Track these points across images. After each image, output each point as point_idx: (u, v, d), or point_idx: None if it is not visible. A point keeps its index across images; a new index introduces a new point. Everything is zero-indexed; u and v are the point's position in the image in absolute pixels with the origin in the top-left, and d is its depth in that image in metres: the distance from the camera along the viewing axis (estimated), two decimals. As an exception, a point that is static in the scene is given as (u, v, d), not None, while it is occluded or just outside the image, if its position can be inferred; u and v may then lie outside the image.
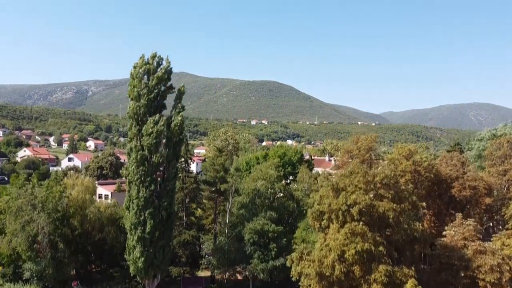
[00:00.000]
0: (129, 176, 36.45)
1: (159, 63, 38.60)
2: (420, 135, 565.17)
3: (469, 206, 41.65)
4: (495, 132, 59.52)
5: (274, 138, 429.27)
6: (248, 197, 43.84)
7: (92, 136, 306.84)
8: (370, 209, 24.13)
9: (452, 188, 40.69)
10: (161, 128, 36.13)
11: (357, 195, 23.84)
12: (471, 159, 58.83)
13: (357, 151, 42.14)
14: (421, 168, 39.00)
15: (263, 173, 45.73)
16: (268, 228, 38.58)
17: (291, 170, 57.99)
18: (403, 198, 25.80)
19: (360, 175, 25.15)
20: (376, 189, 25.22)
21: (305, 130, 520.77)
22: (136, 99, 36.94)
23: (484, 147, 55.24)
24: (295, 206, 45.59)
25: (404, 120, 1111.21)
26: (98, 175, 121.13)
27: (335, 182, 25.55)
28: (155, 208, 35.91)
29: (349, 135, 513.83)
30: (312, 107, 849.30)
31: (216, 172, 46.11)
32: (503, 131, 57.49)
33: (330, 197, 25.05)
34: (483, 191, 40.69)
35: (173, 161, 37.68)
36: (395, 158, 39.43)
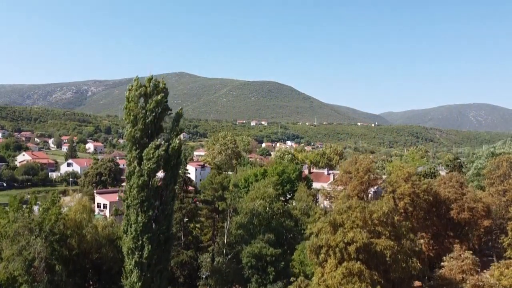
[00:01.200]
0: (128, 200, 36.20)
1: (156, 86, 38.33)
2: (420, 136, 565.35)
3: (467, 227, 41.58)
4: (494, 150, 59.38)
5: (273, 139, 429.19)
6: (247, 217, 43.70)
7: (92, 137, 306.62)
8: (367, 247, 23.99)
9: (451, 210, 40.61)
10: (162, 153, 35.91)
11: (354, 233, 23.70)
12: (469, 178, 58.73)
13: (356, 172, 41.96)
14: (419, 191, 38.91)
15: (261, 192, 45.57)
16: (266, 252, 38.42)
17: (290, 187, 57.82)
18: (401, 235, 25.65)
19: (357, 210, 25.01)
20: (374, 225, 25.07)
21: (304, 131, 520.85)
22: (133, 123, 36.60)
23: (483, 166, 55.15)
24: (293, 225, 45.41)
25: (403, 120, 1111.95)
26: (97, 181, 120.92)
27: (332, 218, 25.39)
28: (153, 233, 35.68)
29: (348, 136, 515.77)
30: (311, 108, 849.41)
31: (215, 191, 45.97)
32: (502, 150, 57.37)
33: (327, 233, 24.90)
34: (481, 213, 40.66)
35: (171, 185, 37.45)
36: (393, 181, 39.27)
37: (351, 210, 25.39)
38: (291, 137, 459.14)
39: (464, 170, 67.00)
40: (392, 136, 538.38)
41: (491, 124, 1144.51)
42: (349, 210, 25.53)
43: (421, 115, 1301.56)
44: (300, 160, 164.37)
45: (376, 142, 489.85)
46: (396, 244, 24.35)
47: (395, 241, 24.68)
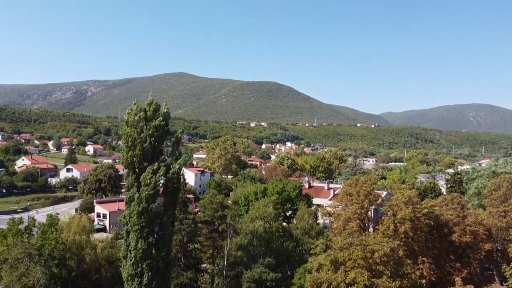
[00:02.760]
0: (127, 226, 35.92)
1: (156, 109, 37.94)
2: (419, 137, 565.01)
3: (469, 251, 41.35)
4: (495, 169, 59.17)
5: (273, 140, 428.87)
6: (247, 238, 43.50)
7: (91, 139, 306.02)
8: (368, 288, 23.84)
9: (453, 233, 40.42)
10: (159, 178, 35.62)
11: (356, 274, 23.52)
12: (470, 197, 58.55)
13: (357, 195, 41.76)
14: (420, 215, 38.70)
15: (261, 212, 45.35)
16: (266, 277, 38.21)
17: (290, 206, 57.61)
18: (402, 275, 25.47)
19: (359, 249, 24.80)
20: (375, 264, 24.89)
21: (304, 132, 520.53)
22: (131, 148, 36.25)
23: (483, 185, 54.97)
24: (294, 245, 45.21)
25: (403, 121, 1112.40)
26: (96, 188, 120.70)
27: (333, 256, 25.20)
28: (153, 259, 35.45)
29: (348, 137, 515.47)
30: (311, 108, 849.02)
31: (215, 211, 45.73)
32: (503, 169, 57.18)
33: (328, 270, 24.72)
34: (483, 237, 40.44)
35: (170, 210, 37.17)
36: (394, 204, 39.06)
37: (353, 247, 25.21)
38: (291, 138, 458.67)
39: (465, 185, 66.88)
40: (392, 137, 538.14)
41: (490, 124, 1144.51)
42: (350, 247, 25.35)
43: (421, 116, 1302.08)
44: (300, 165, 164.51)
45: (376, 143, 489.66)
46: (398, 284, 24.17)
47: (397, 280, 24.51)
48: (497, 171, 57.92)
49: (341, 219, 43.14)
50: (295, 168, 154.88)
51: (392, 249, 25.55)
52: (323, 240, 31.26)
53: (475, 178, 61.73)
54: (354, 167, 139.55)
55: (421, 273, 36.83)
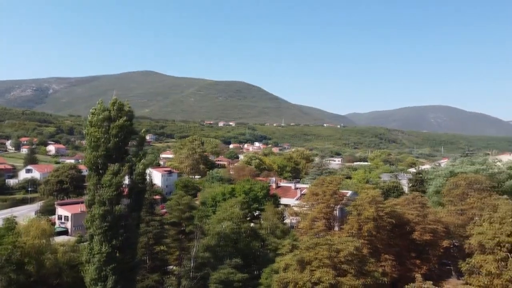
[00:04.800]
0: (91, 230, 34.97)
1: (120, 109, 37.15)
2: (383, 137, 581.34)
3: (428, 248, 42.96)
4: (453, 169, 61.90)
5: (241, 140, 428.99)
6: (214, 239, 43.37)
7: (53, 139, 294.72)
8: (334, 286, 24.30)
9: (414, 231, 41.87)
10: (122, 180, 34.86)
11: (321, 273, 23.94)
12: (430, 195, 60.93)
13: (323, 195, 42.49)
14: (383, 214, 39.84)
15: (229, 212, 45.32)
16: (233, 278, 38.18)
17: (257, 206, 57.87)
18: (366, 273, 26.16)
19: (324, 248, 25.27)
20: (340, 263, 25.43)
21: (272, 132, 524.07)
22: (95, 148, 35.36)
23: (442, 184, 57.36)
24: (260, 245, 45.47)
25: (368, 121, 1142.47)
26: (58, 189, 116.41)
27: (300, 256, 25.54)
28: (117, 262, 34.67)
29: (315, 137, 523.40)
30: (279, 108, 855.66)
31: (182, 212, 45.33)
32: (460, 169, 59.90)
33: (295, 270, 25.03)
34: (441, 234, 42.13)
35: (135, 211, 36.56)
36: (359, 204, 40.05)
37: (318, 247, 25.64)
38: (259, 138, 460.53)
39: (425, 185, 69.52)
40: (357, 137, 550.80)
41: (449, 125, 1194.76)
42: (316, 247, 25.78)
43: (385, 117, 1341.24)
44: (267, 165, 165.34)
45: (342, 143, 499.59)
46: (361, 281, 24.80)
47: (361, 278, 25.15)
48: (455, 171, 60.63)
49: (308, 218, 43.80)
50: (263, 168, 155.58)
51: (357, 248, 26.23)
52: (290, 240, 31.61)
53: (434, 177, 64.39)
54: (320, 167, 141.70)
55: (383, 270, 37.90)
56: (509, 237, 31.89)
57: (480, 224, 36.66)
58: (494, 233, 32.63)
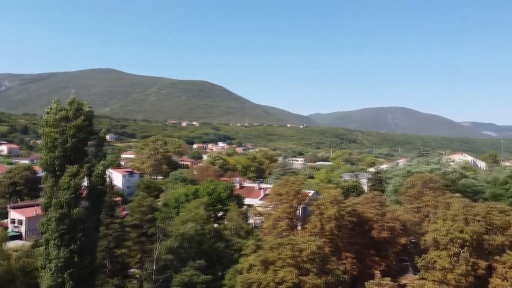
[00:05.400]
0: (46, 234, 33.54)
1: (79, 108, 35.85)
2: (344, 137, 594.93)
3: (387, 245, 44.46)
4: (410, 168, 64.47)
5: (205, 140, 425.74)
6: (177, 241, 42.79)
7: (6, 138, 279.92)
8: (296, 285, 24.66)
9: (373, 229, 43.19)
10: (80, 181, 33.69)
11: (284, 273, 24.22)
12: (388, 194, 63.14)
13: (286, 195, 42.99)
14: (344, 213, 40.84)
15: (192, 213, 44.89)
16: (197, 280, 37.82)
17: (221, 206, 57.65)
18: (328, 271, 26.72)
19: (288, 248, 25.59)
20: (303, 262, 25.83)
21: (236, 132, 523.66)
22: (51, 149, 33.93)
23: (400, 183, 59.59)
24: (224, 246, 45.34)
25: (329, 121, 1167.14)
26: (11, 192, 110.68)
27: (264, 256, 25.72)
28: (75, 267, 33.46)
29: (278, 137, 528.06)
30: (243, 108, 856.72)
31: (143, 214, 44.46)
32: (417, 169, 62.47)
33: (259, 270, 25.16)
34: (399, 231, 43.73)
35: (94, 214, 35.47)
36: (321, 204, 40.84)
37: (282, 247, 25.93)
38: (223, 138, 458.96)
39: (384, 184, 71.96)
40: (319, 137, 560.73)
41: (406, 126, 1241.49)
42: (280, 247, 26.05)
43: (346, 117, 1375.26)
44: (231, 165, 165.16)
45: (304, 143, 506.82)
46: (323, 280, 25.31)
47: (323, 276, 25.66)
48: (411, 170, 63.20)
49: (271, 218, 44.18)
50: (227, 168, 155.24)
51: (319, 247, 26.76)
52: (254, 240, 31.76)
53: (393, 177, 66.79)
54: (284, 167, 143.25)
55: (344, 268, 38.90)
56: (461, 233, 33.61)
57: (435, 221, 38.46)
58: (447, 230, 34.31)
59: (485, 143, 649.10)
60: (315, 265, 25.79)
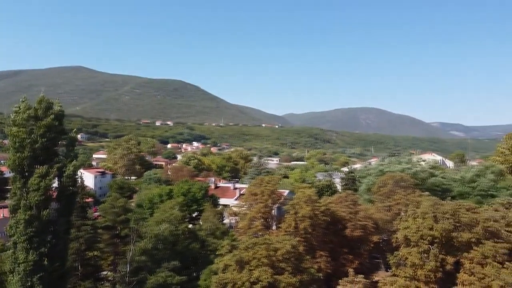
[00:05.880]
0: (14, 237, 32.45)
1: (49, 107, 34.85)
2: (318, 137, 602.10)
3: (360, 243, 45.35)
4: (382, 168, 66.00)
5: (179, 140, 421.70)
6: (151, 242, 42.20)
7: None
8: (272, 285, 24.83)
9: (346, 228, 43.96)
10: (50, 183, 32.78)
11: (260, 272, 24.34)
12: (361, 192, 64.45)
13: (261, 195, 43.18)
14: (319, 212, 41.38)
15: (167, 214, 44.41)
16: (171, 281, 37.45)
17: (196, 207, 57.27)
18: (302, 270, 27.02)
19: (263, 248, 25.73)
20: (278, 261, 26.03)
21: (211, 132, 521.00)
22: (19, 150, 32.85)
23: (372, 182, 60.91)
24: (199, 247, 45.09)
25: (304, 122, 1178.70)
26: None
27: (239, 256, 25.76)
28: (45, 271, 32.52)
29: (254, 137, 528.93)
30: (218, 108, 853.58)
31: (116, 215, 43.71)
32: (389, 168, 64.03)
33: (234, 270, 25.18)
34: (371, 230, 44.70)
35: (65, 216, 34.54)
36: (296, 203, 41.23)
37: (257, 246, 26.04)
38: (198, 138, 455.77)
39: (357, 183, 73.42)
40: (294, 137, 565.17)
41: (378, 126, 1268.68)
42: (255, 247, 26.15)
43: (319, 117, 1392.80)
44: (206, 165, 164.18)
45: (279, 143, 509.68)
46: (298, 279, 25.58)
47: (297, 275, 25.93)
48: (383, 169, 64.70)
49: (246, 218, 44.28)
50: (201, 168, 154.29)
51: (293, 246, 27.04)
52: (229, 240, 31.75)
53: (365, 176, 68.16)
54: (259, 167, 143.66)
55: (319, 266, 39.39)
56: (430, 231, 34.67)
57: (405, 219, 39.51)
58: (418, 227, 35.32)
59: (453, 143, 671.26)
60: (290, 264, 26.06)
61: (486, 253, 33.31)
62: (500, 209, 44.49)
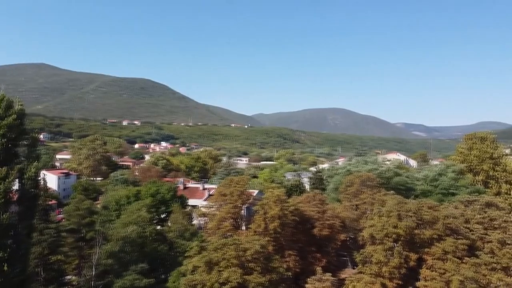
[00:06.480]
0: (-29, 242, 30.96)
1: (9, 106, 33.52)
2: (287, 137, 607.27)
3: (327, 242, 46.17)
4: (349, 167, 67.49)
5: (147, 140, 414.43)
6: (118, 245, 41.37)
7: None
8: (240, 285, 24.91)
9: (314, 227, 44.64)
10: (10, 185, 31.54)
11: (229, 273, 24.36)
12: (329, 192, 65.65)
13: (230, 195, 43.18)
14: (288, 212, 41.81)
15: (134, 216, 43.63)
16: (139, 284, 36.83)
17: (165, 208, 56.52)
18: (271, 269, 27.26)
19: (232, 248, 25.76)
20: (247, 262, 26.13)
21: (180, 131, 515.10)
22: (-23, 151, 31.49)
23: (340, 182, 62.15)
24: (167, 248, 44.58)
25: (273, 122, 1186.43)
26: None
27: (208, 257, 25.67)
28: (5, 277, 31.24)
29: (223, 137, 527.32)
30: (187, 108, 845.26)
31: (81, 217, 42.58)
32: (356, 168, 65.57)
33: (203, 272, 25.08)
34: (338, 228, 45.62)
35: (26, 220, 33.33)
36: (265, 204, 41.50)
37: (226, 247, 26.04)
38: (166, 138, 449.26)
39: (325, 182, 74.70)
40: (263, 137, 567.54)
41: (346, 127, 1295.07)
42: (224, 247, 26.14)
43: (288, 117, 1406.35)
44: (175, 166, 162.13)
45: (249, 143, 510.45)
46: (267, 278, 25.79)
47: (267, 275, 26.14)
48: (351, 169, 66.18)
49: (216, 219, 44.14)
50: (170, 168, 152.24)
51: (263, 246, 27.23)
52: (198, 242, 31.60)
53: (333, 175, 69.46)
54: (228, 167, 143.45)
55: (287, 265, 39.77)
56: (395, 229, 35.81)
57: (371, 217, 40.62)
58: (383, 225, 36.40)
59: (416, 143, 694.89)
60: (259, 264, 26.23)
61: (447, 249, 34.77)
62: (460, 206, 46.57)
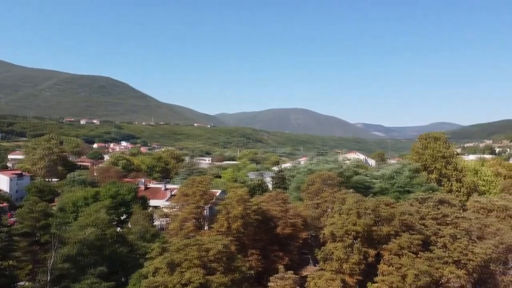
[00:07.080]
0: None
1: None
2: (250, 137, 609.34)
3: (290, 240, 46.83)
4: (311, 167, 68.75)
5: (107, 139, 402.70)
6: (75, 248, 39.97)
7: None
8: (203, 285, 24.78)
9: (277, 226, 45.14)
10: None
11: (191, 274, 24.18)
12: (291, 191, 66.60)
13: (193, 196, 42.83)
14: (250, 212, 42.04)
15: (93, 218, 42.30)
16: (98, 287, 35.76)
17: (125, 209, 55.13)
18: (234, 269, 27.31)
19: (194, 249, 25.58)
20: (210, 262, 26.04)
21: (141, 131, 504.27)
22: None
23: (302, 181, 63.21)
24: (128, 251, 43.54)
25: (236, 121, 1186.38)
26: None
27: (170, 259, 25.35)
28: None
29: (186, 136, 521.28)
30: (148, 107, 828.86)
31: (36, 220, 40.67)
32: (317, 167, 66.88)
33: (165, 273, 24.75)
34: (300, 227, 46.39)
35: (-24, 224, 31.56)
36: (228, 203, 41.50)
37: (188, 248, 25.82)
38: (126, 137, 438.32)
39: (287, 182, 75.69)
40: (226, 137, 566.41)
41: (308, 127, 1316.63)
42: (186, 248, 25.91)
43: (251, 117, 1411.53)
44: (136, 166, 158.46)
45: (212, 143, 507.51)
46: (230, 278, 25.81)
47: (229, 275, 26.15)
48: (312, 168, 67.45)
49: (178, 219, 43.64)
50: (130, 168, 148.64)
51: (225, 245, 27.23)
52: (159, 243, 31.14)
53: (295, 175, 70.50)
54: (191, 167, 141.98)
55: (250, 264, 39.99)
56: (354, 226, 36.89)
57: (332, 216, 41.63)
58: (343, 223, 37.40)
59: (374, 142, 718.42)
60: (221, 263, 26.21)
61: (402, 245, 36.24)
62: (415, 203, 48.65)
